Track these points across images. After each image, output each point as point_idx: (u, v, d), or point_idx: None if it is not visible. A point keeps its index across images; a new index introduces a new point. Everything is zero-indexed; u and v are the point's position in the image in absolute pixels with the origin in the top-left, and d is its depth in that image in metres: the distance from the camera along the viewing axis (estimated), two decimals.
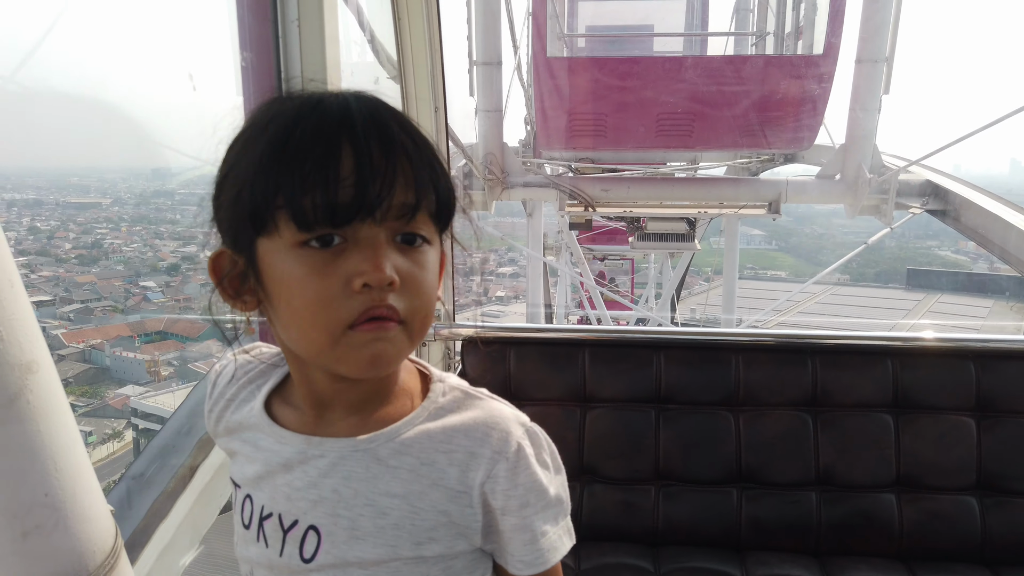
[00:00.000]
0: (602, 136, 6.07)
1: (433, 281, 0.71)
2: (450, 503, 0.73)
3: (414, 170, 0.66)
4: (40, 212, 3.90)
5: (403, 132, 0.67)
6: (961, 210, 5.15)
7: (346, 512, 0.72)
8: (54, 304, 4.00)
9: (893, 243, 16.85)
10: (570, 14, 8.02)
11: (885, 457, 1.88)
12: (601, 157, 6.98)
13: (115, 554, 0.92)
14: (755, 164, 7.41)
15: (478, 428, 0.74)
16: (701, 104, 5.66)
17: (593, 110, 5.88)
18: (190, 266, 4.26)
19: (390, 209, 0.65)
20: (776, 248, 20.72)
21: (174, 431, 2.31)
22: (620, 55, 6.78)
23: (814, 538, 1.86)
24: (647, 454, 1.94)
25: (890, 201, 5.70)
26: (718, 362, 1.97)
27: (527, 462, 0.74)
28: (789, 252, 19.59)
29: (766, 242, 19.31)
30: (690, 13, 9.05)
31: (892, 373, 1.90)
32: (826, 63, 5.43)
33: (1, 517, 0.81)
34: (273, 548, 0.75)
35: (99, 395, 4.40)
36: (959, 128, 33.55)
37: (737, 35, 7.81)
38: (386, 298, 0.65)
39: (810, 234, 19.76)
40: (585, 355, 1.99)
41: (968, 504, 1.84)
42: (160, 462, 2.14)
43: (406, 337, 0.68)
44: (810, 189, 6.19)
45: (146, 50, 9.74)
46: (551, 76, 5.90)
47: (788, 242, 19.80)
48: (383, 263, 0.65)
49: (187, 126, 1.17)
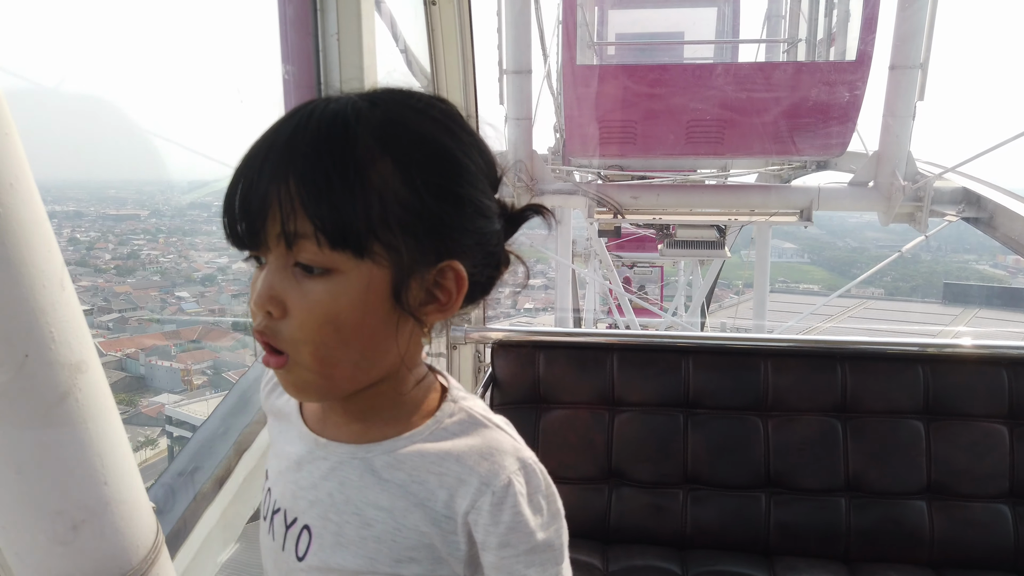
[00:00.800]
0: (631, 143, 6.09)
1: (327, 309, 0.65)
2: (433, 526, 0.70)
3: (305, 196, 0.62)
4: (80, 224, 4.02)
5: (312, 147, 0.64)
6: (998, 218, 5.07)
7: (335, 517, 0.73)
8: (92, 313, 4.11)
9: (929, 257, 16.55)
10: (600, 23, 8.05)
11: (916, 464, 1.87)
12: (630, 164, 6.99)
13: (156, 550, 0.94)
14: (787, 171, 7.35)
15: (471, 456, 0.71)
16: (732, 111, 5.65)
17: (622, 117, 5.90)
18: (224, 277, 4.36)
19: (271, 237, 0.65)
20: (808, 261, 20.47)
21: (210, 433, 2.37)
22: (650, 63, 6.78)
23: (843, 544, 1.85)
24: (675, 458, 1.95)
25: (925, 208, 5.62)
26: (747, 367, 1.98)
27: (514, 500, 0.69)
28: (822, 265, 19.35)
29: (798, 255, 19.07)
30: (721, 21, 9.03)
31: (923, 379, 1.89)
32: (859, 69, 5.40)
33: (50, 512, 0.83)
34: (278, 542, 0.77)
35: (134, 403, 4.53)
36: (996, 135, 32.88)
37: (768, 42, 7.78)
38: (265, 327, 0.67)
39: (843, 247, 19.51)
40: (614, 359, 2.01)
41: (1001, 512, 1.83)
42: (196, 463, 2.20)
43: (307, 365, 0.67)
44: (843, 196, 6.14)
45: (189, 65, 9.85)
46: (580, 84, 5.93)
47: (821, 255, 19.53)
48: (265, 291, 0.66)
49: (230, 139, 1.22)
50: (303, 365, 0.67)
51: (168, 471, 2.20)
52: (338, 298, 0.65)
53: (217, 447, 2.24)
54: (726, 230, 7.36)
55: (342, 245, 0.64)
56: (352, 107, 0.66)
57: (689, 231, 7.24)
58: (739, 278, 11.28)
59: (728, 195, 7.03)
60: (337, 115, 0.65)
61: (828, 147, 5.97)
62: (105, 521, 0.87)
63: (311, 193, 0.62)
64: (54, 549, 0.85)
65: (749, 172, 7.60)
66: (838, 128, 5.70)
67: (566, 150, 6.80)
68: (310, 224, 0.63)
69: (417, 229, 0.66)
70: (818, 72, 5.68)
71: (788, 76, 5.74)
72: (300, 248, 0.64)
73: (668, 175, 6.96)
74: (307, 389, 0.70)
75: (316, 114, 0.65)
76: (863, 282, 14.76)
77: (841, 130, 5.73)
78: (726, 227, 7.32)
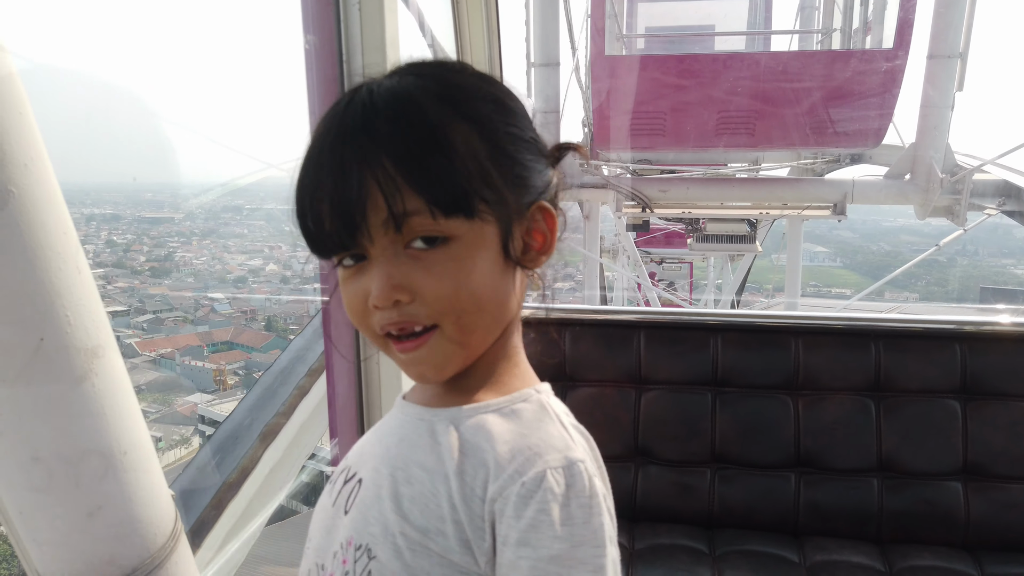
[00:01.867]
0: (660, 135, 6.03)
1: (459, 277, 0.66)
2: (464, 504, 0.65)
3: (397, 172, 0.63)
4: (117, 226, 4.10)
5: (393, 125, 0.64)
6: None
7: (385, 469, 0.71)
8: (128, 314, 4.18)
9: (966, 261, 16.08)
10: (629, 14, 7.98)
11: (951, 444, 1.82)
12: (660, 158, 6.93)
13: (175, 537, 0.94)
14: (820, 164, 7.22)
15: (519, 443, 0.66)
16: (764, 101, 5.56)
17: (651, 109, 5.84)
18: (256, 279, 4.41)
19: (375, 227, 0.64)
20: (841, 265, 20.03)
21: (236, 424, 2.39)
22: (679, 53, 6.70)
23: (875, 525, 1.81)
24: (703, 437, 1.92)
25: (963, 202, 5.50)
26: (777, 345, 1.94)
27: (544, 496, 0.62)
28: (855, 270, 18.92)
29: (830, 259, 18.70)
30: (753, 13, 8.92)
31: (960, 358, 1.84)
32: (896, 56, 5.28)
33: (67, 497, 0.83)
34: (331, 496, 0.77)
35: (169, 402, 4.58)
36: None
37: (802, 33, 7.66)
38: (399, 315, 0.66)
39: (877, 251, 19.07)
40: (641, 337, 1.99)
41: None
42: (223, 454, 2.22)
43: (445, 341, 0.67)
44: (878, 189, 6.02)
45: (220, 65, 9.90)
46: (609, 74, 5.89)
47: (854, 259, 19.08)
48: (385, 283, 0.65)
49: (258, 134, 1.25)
50: (447, 338, 0.67)
51: (193, 462, 2.22)
52: (463, 262, 0.66)
53: (243, 438, 2.26)
54: (757, 224, 7.26)
55: (455, 210, 0.64)
56: (403, 82, 0.67)
57: (719, 225, 7.16)
58: (769, 281, 11.09)
59: (759, 188, 6.94)
60: (397, 92, 0.66)
61: (864, 137, 5.85)
62: (122, 508, 0.86)
63: (412, 169, 0.63)
64: (71, 536, 0.84)
65: (781, 166, 7.49)
66: (875, 118, 5.58)
67: (594, 144, 6.75)
68: (420, 199, 0.63)
69: (507, 178, 0.67)
70: (854, 60, 5.56)
71: (822, 64, 5.64)
72: (412, 226, 0.64)
73: (698, 169, 6.88)
74: (449, 363, 0.70)
75: (376, 96, 0.65)
76: (897, 286, 14.46)
77: (878, 120, 5.60)
78: (757, 221, 7.22)
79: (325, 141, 0.66)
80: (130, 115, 2.17)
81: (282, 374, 2.36)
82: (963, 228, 5.60)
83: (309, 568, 0.75)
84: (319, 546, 0.75)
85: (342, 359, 1.74)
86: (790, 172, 7.37)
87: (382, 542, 0.67)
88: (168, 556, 0.91)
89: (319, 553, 0.74)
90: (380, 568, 0.66)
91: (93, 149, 2.15)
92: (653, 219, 8.33)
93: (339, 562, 0.70)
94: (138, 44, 14.55)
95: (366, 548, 0.68)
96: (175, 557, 0.93)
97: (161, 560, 0.90)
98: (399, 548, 0.66)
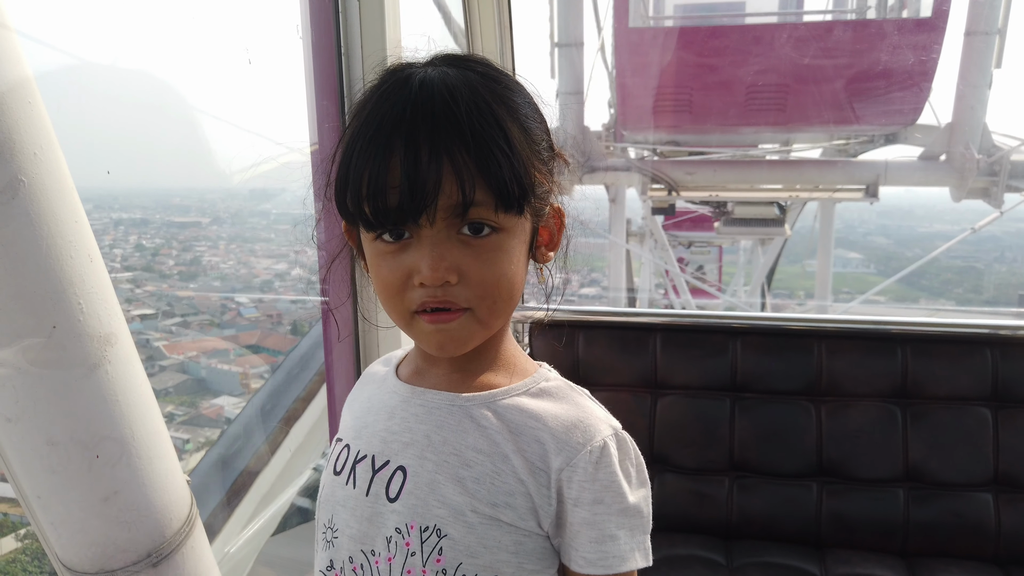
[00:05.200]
0: (686, 112, 5.86)
1: (502, 266, 0.72)
2: (529, 475, 0.74)
3: (472, 163, 0.67)
4: (146, 231, 4.19)
5: (470, 119, 0.68)
6: None
7: (433, 456, 0.75)
8: (157, 318, 4.27)
9: (1004, 268, 15.68)
10: None
11: (982, 454, 1.74)
12: (687, 140, 6.77)
13: (191, 522, 0.95)
14: (853, 145, 7.02)
15: (569, 418, 0.76)
16: (794, 74, 5.36)
17: (676, 83, 5.68)
18: (281, 283, 4.47)
19: (441, 209, 0.68)
20: (874, 272, 19.60)
21: (255, 411, 2.39)
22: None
23: (901, 537, 1.75)
24: (721, 444, 1.86)
25: (1001, 183, 5.34)
26: (799, 349, 1.87)
27: (609, 460, 0.74)
28: (888, 276, 18.57)
29: (863, 265, 18.33)
30: None
31: (991, 363, 1.76)
32: (934, 27, 5.07)
33: (82, 482, 0.84)
34: (360, 488, 0.79)
35: (196, 405, 4.68)
36: None
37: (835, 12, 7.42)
38: (443, 294, 0.70)
39: (911, 258, 18.59)
40: (657, 340, 1.93)
41: None
42: (242, 441, 2.22)
43: (474, 322, 0.73)
44: (912, 170, 5.86)
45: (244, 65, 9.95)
46: (632, 50, 5.74)
47: (888, 266, 18.66)
48: (438, 263, 0.69)
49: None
50: (477, 320, 0.73)
51: (212, 450, 2.23)
52: (508, 254, 0.73)
53: (262, 425, 2.26)
54: (787, 207, 7.09)
55: (512, 206, 0.70)
56: (465, 77, 0.71)
57: (747, 208, 6.99)
58: (801, 288, 10.86)
59: (788, 171, 6.77)
60: (468, 85, 0.70)
61: (900, 114, 5.64)
62: (137, 494, 0.88)
63: (487, 163, 0.68)
64: (87, 520, 0.86)
65: (813, 147, 7.29)
66: (912, 93, 5.37)
67: (619, 123, 6.61)
68: (488, 192, 0.68)
69: (543, 179, 0.75)
70: (889, 30, 5.34)
71: (856, 36, 5.43)
72: (474, 214, 0.69)
73: (727, 151, 6.72)
74: (469, 343, 0.75)
75: (450, 86, 0.69)
76: (933, 293, 14.04)
77: (915, 94, 5.39)
78: (787, 204, 7.06)
79: (391, 120, 0.68)
80: (165, 119, 2.15)
81: (302, 360, 2.36)
82: (999, 211, 5.42)
83: (348, 557, 0.79)
84: (359, 535, 0.78)
85: (342, 361, 1.72)
86: (822, 153, 7.18)
87: (452, 522, 0.73)
88: (184, 541, 0.93)
89: (359, 541, 0.78)
90: (452, 544, 0.73)
91: (125, 154, 2.15)
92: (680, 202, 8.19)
93: (399, 546, 0.75)
94: (141, 40, 14.57)
95: (435, 529, 0.74)
96: (191, 542, 0.95)
97: (177, 544, 0.92)
98: (471, 524, 0.73)
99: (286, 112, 1.88)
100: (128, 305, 3.67)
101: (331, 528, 0.81)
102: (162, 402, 4.30)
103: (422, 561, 0.74)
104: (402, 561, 0.74)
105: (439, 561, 0.73)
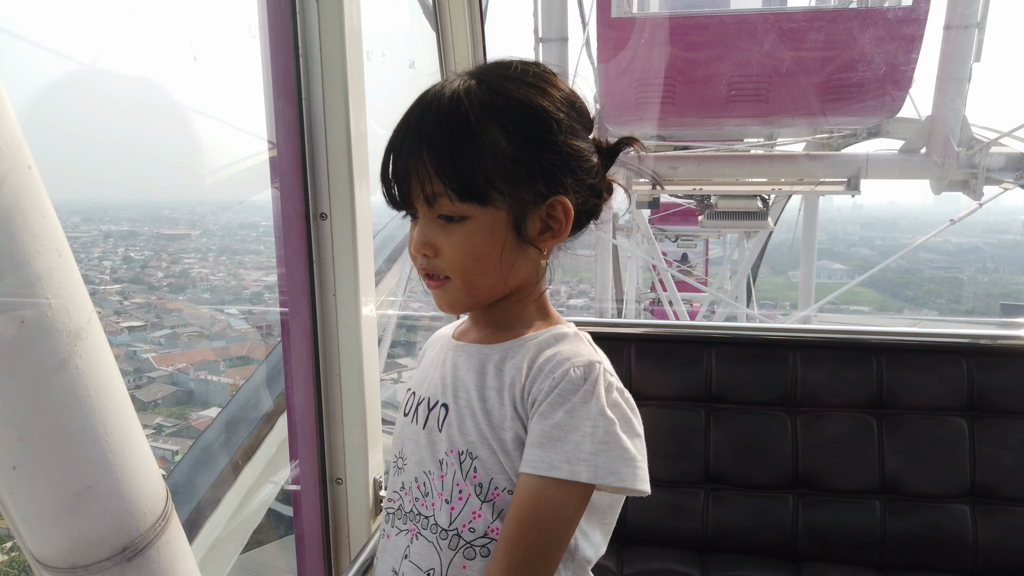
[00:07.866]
0: (669, 103, 5.81)
1: (469, 245, 0.86)
2: (521, 403, 0.88)
3: (431, 162, 0.83)
4: (135, 243, 4.14)
5: (438, 125, 0.84)
6: None
7: (463, 395, 0.92)
8: (146, 329, 4.23)
9: (986, 279, 15.83)
10: None
11: (958, 464, 1.72)
12: (673, 135, 6.73)
13: (166, 516, 0.96)
14: (836, 140, 7.01)
15: (553, 355, 0.88)
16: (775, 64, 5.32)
17: (659, 76, 5.63)
18: (272, 295, 4.41)
19: (418, 198, 0.86)
20: (859, 283, 19.76)
21: (241, 404, 2.34)
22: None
23: (878, 550, 1.73)
24: (696, 455, 1.84)
25: (980, 176, 5.34)
26: (774, 360, 1.85)
27: (566, 371, 0.85)
28: (872, 287, 18.65)
29: (848, 276, 18.46)
30: None
31: (967, 373, 1.74)
32: (915, 16, 5.05)
33: (53, 478, 0.84)
34: (420, 423, 0.96)
35: (184, 416, 4.60)
36: None
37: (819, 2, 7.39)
38: (428, 264, 0.90)
39: (896, 268, 18.71)
40: (631, 351, 1.90)
41: None
42: (227, 435, 2.19)
43: (456, 288, 0.90)
44: (893, 164, 5.84)
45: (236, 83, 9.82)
46: (615, 42, 5.68)
47: (872, 277, 18.81)
48: (419, 241, 0.89)
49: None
50: (455, 287, 0.90)
51: (196, 444, 2.19)
52: (472, 237, 0.86)
53: (247, 419, 2.21)
54: (769, 200, 7.08)
55: (469, 198, 0.84)
56: (463, 87, 0.85)
57: (730, 201, 6.98)
58: (786, 299, 10.88)
59: (771, 164, 6.76)
60: (452, 97, 0.84)
61: (882, 104, 5.62)
62: (110, 488, 0.88)
63: (440, 162, 0.83)
64: (60, 515, 0.86)
65: (796, 141, 7.27)
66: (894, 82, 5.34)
67: (602, 116, 6.56)
68: (443, 185, 0.84)
69: (525, 176, 0.85)
70: (872, 18, 5.30)
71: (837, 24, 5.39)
72: (439, 204, 0.85)
73: (712, 145, 6.69)
74: (456, 304, 0.93)
75: (438, 98, 0.85)
76: (916, 304, 14.05)
77: (897, 85, 5.36)
78: (769, 198, 7.05)
79: (400, 127, 0.88)
80: (154, 132, 2.10)
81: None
82: (979, 203, 5.43)
83: (413, 478, 0.95)
84: (420, 460, 0.95)
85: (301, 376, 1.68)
86: (806, 148, 7.17)
87: (478, 446, 0.89)
88: (159, 535, 0.94)
89: (421, 464, 0.95)
90: (482, 464, 0.89)
91: (113, 166, 2.12)
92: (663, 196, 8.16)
93: (447, 466, 0.91)
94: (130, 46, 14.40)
95: (468, 452, 0.90)
96: (166, 536, 0.95)
97: (152, 539, 0.92)
98: (492, 448, 0.88)
99: (244, 115, 1.83)
100: (117, 317, 3.65)
101: (401, 457, 0.99)
102: (151, 414, 4.24)
103: (463, 476, 0.90)
104: (452, 477, 0.91)
105: (475, 477, 0.89)
